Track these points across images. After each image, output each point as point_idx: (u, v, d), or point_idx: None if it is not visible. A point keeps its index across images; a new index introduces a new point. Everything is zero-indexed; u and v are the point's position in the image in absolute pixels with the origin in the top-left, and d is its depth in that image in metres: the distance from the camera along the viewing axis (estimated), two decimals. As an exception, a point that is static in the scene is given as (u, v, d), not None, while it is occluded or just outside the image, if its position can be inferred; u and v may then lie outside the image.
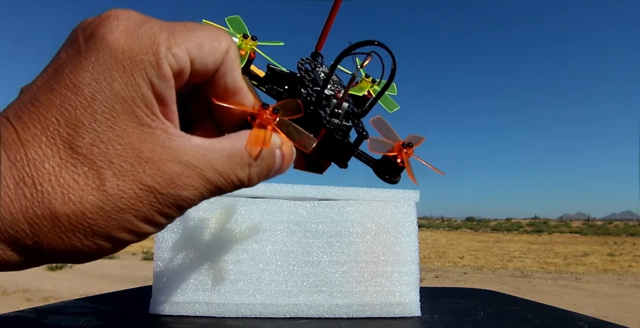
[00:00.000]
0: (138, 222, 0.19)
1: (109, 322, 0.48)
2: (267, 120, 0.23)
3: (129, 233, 0.20)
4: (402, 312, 0.52)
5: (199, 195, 0.21)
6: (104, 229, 0.19)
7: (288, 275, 0.52)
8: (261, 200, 0.53)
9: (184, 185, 0.20)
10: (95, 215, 0.18)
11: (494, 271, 6.96)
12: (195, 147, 0.20)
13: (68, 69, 0.18)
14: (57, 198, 0.18)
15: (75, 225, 0.18)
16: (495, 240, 13.99)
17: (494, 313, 0.55)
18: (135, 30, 0.19)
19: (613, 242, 13.98)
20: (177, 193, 0.20)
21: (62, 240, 0.18)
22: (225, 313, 0.50)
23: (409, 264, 0.53)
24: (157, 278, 0.51)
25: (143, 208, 0.19)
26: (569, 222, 28.55)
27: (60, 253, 0.19)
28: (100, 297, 0.61)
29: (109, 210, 0.18)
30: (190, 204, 0.21)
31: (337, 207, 0.53)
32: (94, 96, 0.18)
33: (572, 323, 0.51)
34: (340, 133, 0.27)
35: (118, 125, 0.18)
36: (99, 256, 0.20)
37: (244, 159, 0.22)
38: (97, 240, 0.19)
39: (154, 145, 0.19)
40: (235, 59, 0.22)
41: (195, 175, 0.20)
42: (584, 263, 8.07)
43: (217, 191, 0.21)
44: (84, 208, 0.18)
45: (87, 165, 0.18)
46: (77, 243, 0.18)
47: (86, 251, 0.19)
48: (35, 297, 3.98)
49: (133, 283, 4.39)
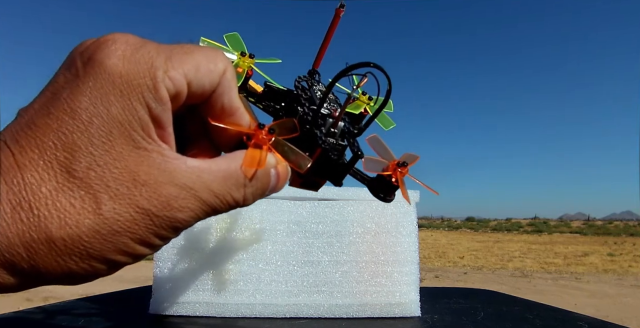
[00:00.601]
0: (134, 244, 0.19)
1: (109, 322, 0.48)
2: (262, 141, 0.23)
3: (125, 256, 0.20)
4: (402, 312, 0.52)
5: (195, 216, 0.21)
6: (99, 252, 0.19)
7: (288, 275, 0.52)
8: (261, 200, 0.53)
9: (180, 207, 0.20)
10: (92, 238, 0.18)
11: (494, 271, 6.96)
12: (191, 169, 0.20)
13: (66, 93, 0.18)
14: (53, 222, 0.18)
15: (71, 249, 0.18)
16: (495, 240, 13.99)
17: (494, 313, 0.55)
18: (133, 55, 0.19)
19: (613, 242, 13.98)
20: (173, 216, 0.20)
21: (58, 264, 0.18)
22: (225, 313, 0.50)
23: (409, 264, 0.53)
24: (157, 278, 0.51)
25: (139, 230, 0.19)
26: (569, 222, 28.54)
27: (55, 276, 0.19)
28: (101, 297, 0.61)
29: (105, 234, 0.18)
30: (185, 226, 0.21)
31: (337, 207, 0.53)
32: (91, 120, 0.18)
33: (572, 323, 0.51)
34: (336, 152, 0.27)
35: (115, 148, 0.19)
36: (94, 278, 0.20)
37: (240, 180, 0.22)
38: (92, 262, 0.19)
39: (150, 168, 0.19)
40: (232, 80, 0.22)
41: (191, 197, 0.20)
42: (584, 264, 8.07)
43: (212, 212, 0.22)
44: (80, 232, 0.18)
45: (83, 189, 0.18)
46: (72, 266, 0.18)
47: (81, 273, 0.19)
48: (35, 297, 3.98)
49: (133, 283, 4.39)
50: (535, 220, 28.18)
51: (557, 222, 27.88)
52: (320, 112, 0.27)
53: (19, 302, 3.74)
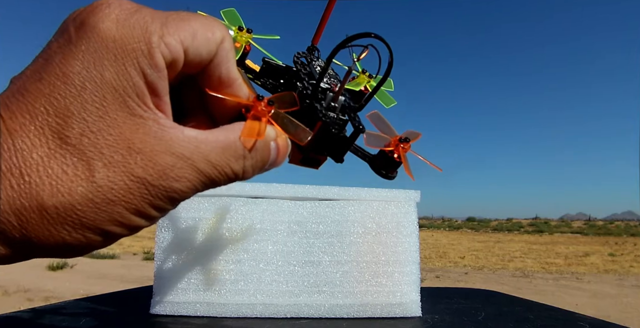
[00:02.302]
0: (129, 214, 0.19)
1: (110, 322, 0.48)
2: (261, 112, 0.22)
3: (120, 226, 0.19)
4: (403, 312, 0.52)
5: (192, 187, 0.20)
6: (93, 222, 0.18)
7: (289, 275, 0.52)
8: (262, 200, 0.53)
9: (176, 177, 0.19)
10: (85, 207, 0.18)
11: (494, 271, 6.95)
12: (189, 139, 0.20)
13: (58, 58, 0.18)
14: (45, 189, 0.17)
15: (63, 217, 0.18)
16: (496, 240, 13.97)
17: (494, 313, 0.55)
18: (127, 19, 0.19)
19: (614, 242, 13.96)
20: (169, 185, 0.19)
21: (50, 233, 0.18)
22: (226, 313, 0.50)
23: (410, 264, 0.53)
24: (158, 278, 0.51)
25: (134, 200, 0.19)
26: (570, 222, 28.51)
27: (48, 247, 0.18)
28: (101, 297, 0.61)
29: (98, 202, 0.18)
30: (182, 197, 0.20)
31: (338, 207, 0.53)
32: (84, 85, 0.18)
33: (573, 323, 0.50)
34: (336, 126, 0.26)
35: (109, 115, 0.18)
36: (89, 250, 0.19)
37: (238, 151, 0.21)
38: (86, 233, 0.18)
39: (146, 136, 0.19)
40: (230, 50, 0.22)
41: (188, 167, 0.19)
42: (585, 264, 8.06)
43: (210, 184, 0.21)
44: (73, 199, 0.17)
45: (76, 156, 0.17)
46: (65, 236, 0.18)
47: (75, 244, 0.18)
48: (36, 297, 3.98)
49: (134, 283, 4.40)
50: (536, 220, 28.16)
51: (558, 222, 27.85)
52: (320, 86, 0.27)
53: (20, 301, 3.74)
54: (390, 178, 0.29)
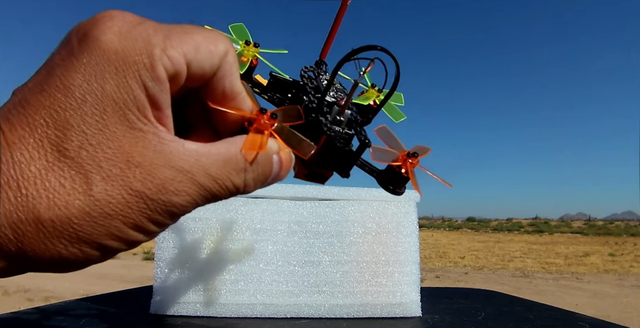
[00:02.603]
0: (127, 229, 0.18)
1: (110, 322, 0.48)
2: (264, 125, 0.22)
3: (117, 241, 0.19)
4: (403, 312, 0.52)
5: (192, 201, 0.20)
6: (90, 236, 0.18)
7: (289, 275, 0.52)
8: (262, 200, 0.53)
9: (176, 191, 0.19)
10: (82, 220, 0.17)
11: (494, 271, 6.95)
12: (189, 152, 0.19)
13: (60, 70, 0.18)
14: (42, 202, 0.17)
15: (60, 231, 0.17)
16: (496, 241, 13.97)
17: (494, 313, 0.55)
18: (130, 32, 0.18)
19: (614, 242, 13.95)
20: (169, 200, 0.19)
21: (46, 247, 0.17)
22: (226, 313, 0.50)
23: (410, 264, 0.53)
24: (158, 278, 0.51)
25: (132, 214, 0.18)
26: (570, 222, 28.51)
27: (44, 261, 0.18)
28: (102, 297, 0.61)
29: (95, 216, 0.18)
30: (182, 211, 0.20)
31: (338, 207, 0.53)
32: (84, 98, 0.18)
33: (573, 323, 0.50)
34: (342, 141, 0.26)
35: (108, 128, 0.18)
36: (86, 265, 0.19)
37: (240, 164, 0.21)
38: (83, 247, 0.18)
39: (145, 149, 0.18)
40: (233, 63, 0.21)
41: (188, 181, 0.19)
42: (585, 264, 8.06)
43: (211, 198, 0.21)
44: (70, 213, 0.17)
45: (74, 169, 0.17)
46: (62, 250, 0.18)
47: (72, 259, 0.18)
48: (36, 297, 3.98)
49: (134, 283, 4.40)
50: (536, 220, 28.15)
51: (558, 222, 27.85)
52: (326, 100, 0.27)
53: (20, 302, 3.74)
54: (398, 194, 0.28)
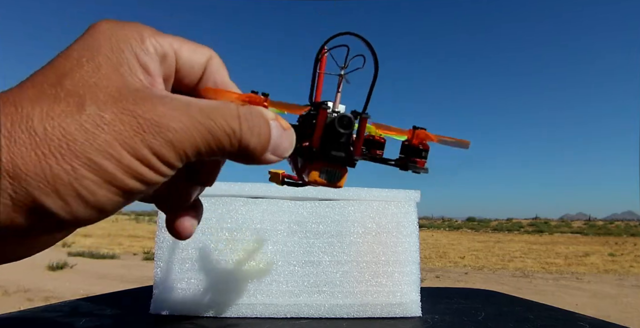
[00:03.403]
0: (121, 149, 0.18)
1: (110, 322, 0.48)
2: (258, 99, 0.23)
3: (115, 164, 0.18)
4: (403, 312, 0.52)
5: (189, 133, 0.19)
6: (81, 148, 0.17)
7: (289, 275, 0.52)
8: (262, 200, 0.53)
9: (171, 116, 0.19)
10: (73, 128, 0.17)
11: (494, 271, 6.95)
12: (182, 97, 0.20)
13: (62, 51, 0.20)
14: (35, 114, 0.17)
15: (51, 139, 0.17)
16: (496, 240, 13.97)
17: (494, 313, 0.55)
18: (122, 23, 0.21)
19: (614, 242, 13.96)
20: (163, 122, 0.19)
21: (37, 157, 0.17)
22: (225, 313, 0.50)
23: (410, 264, 0.53)
24: (157, 278, 0.51)
25: (125, 132, 0.18)
26: (570, 222, 28.51)
27: (35, 179, 0.17)
28: (101, 297, 0.61)
29: (87, 127, 0.17)
30: (181, 143, 0.19)
31: (338, 207, 0.53)
32: (81, 56, 0.19)
33: (573, 323, 0.50)
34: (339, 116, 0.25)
35: (102, 72, 0.19)
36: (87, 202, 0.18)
37: (233, 111, 0.21)
38: (74, 162, 0.17)
39: (137, 91, 0.19)
40: (221, 64, 0.24)
41: (182, 110, 0.19)
42: (585, 264, 8.06)
43: (209, 135, 0.20)
44: (62, 122, 0.17)
45: (68, 94, 0.18)
46: (52, 162, 0.17)
47: (64, 179, 0.17)
48: (36, 297, 3.98)
49: (134, 283, 4.40)
50: (536, 220, 28.15)
51: (558, 222, 27.85)
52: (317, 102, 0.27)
53: (20, 301, 3.74)
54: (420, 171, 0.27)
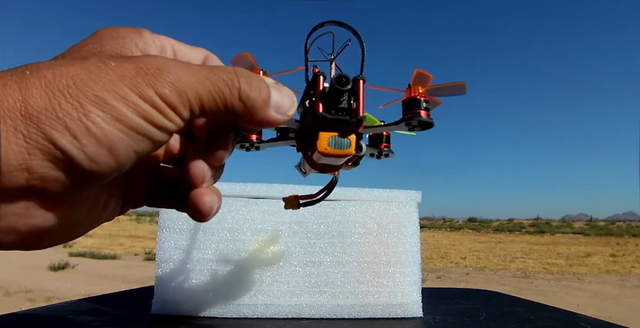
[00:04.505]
0: (126, 88, 0.18)
1: (111, 322, 0.48)
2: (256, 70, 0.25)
3: (122, 102, 0.18)
4: (404, 312, 0.52)
5: (191, 80, 0.20)
6: (87, 85, 0.18)
7: (290, 275, 0.52)
8: (263, 200, 0.53)
9: (172, 65, 0.20)
10: (78, 70, 0.18)
11: (496, 272, 6.94)
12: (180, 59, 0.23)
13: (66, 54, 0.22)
14: (44, 64, 0.19)
15: (59, 79, 0.18)
16: (498, 241, 13.96)
17: (496, 314, 0.54)
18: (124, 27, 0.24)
19: (616, 242, 13.93)
20: (164, 67, 0.20)
21: (47, 96, 0.17)
22: (226, 313, 0.50)
23: (411, 265, 0.53)
24: (159, 278, 0.51)
25: (127, 72, 0.19)
26: (572, 223, 28.47)
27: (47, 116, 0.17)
28: (103, 297, 0.61)
29: (91, 69, 0.18)
30: (185, 88, 0.20)
31: (339, 207, 0.53)
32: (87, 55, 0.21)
33: (575, 324, 0.50)
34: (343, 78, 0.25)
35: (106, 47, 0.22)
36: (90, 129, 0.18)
37: (229, 68, 0.22)
38: (82, 99, 0.18)
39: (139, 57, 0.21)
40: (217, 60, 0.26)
41: (183, 65, 0.21)
42: (586, 264, 8.05)
43: (211, 85, 0.21)
44: (70, 67, 0.18)
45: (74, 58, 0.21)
46: (62, 100, 0.17)
47: (74, 116, 0.17)
48: (38, 297, 3.99)
49: (135, 283, 4.40)
50: (537, 221, 28.11)
51: (559, 223, 27.81)
52: None
53: (21, 302, 3.75)
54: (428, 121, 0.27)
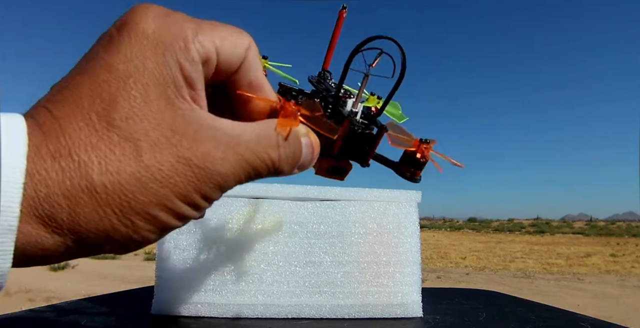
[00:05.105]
0: (175, 199, 0.19)
1: (111, 322, 0.48)
2: (292, 110, 0.24)
3: (167, 213, 0.19)
4: (404, 312, 0.52)
5: (235, 173, 0.21)
6: (141, 204, 0.18)
7: (290, 275, 0.52)
8: (263, 200, 0.53)
9: (221, 160, 0.20)
10: (133, 186, 0.18)
11: (496, 272, 6.94)
12: (226, 126, 0.21)
13: (102, 53, 0.19)
14: (94, 168, 0.17)
15: (112, 198, 0.17)
16: (498, 241, 13.96)
17: (496, 314, 0.54)
18: (165, 19, 0.20)
19: (615, 242, 13.93)
20: (214, 168, 0.20)
21: (99, 216, 0.17)
22: (227, 313, 0.50)
23: (411, 265, 0.53)
24: (159, 278, 0.51)
25: (180, 183, 0.19)
26: (572, 223, 28.45)
27: (97, 234, 0.18)
28: (103, 297, 0.61)
29: (146, 182, 0.18)
30: (226, 182, 0.21)
31: (339, 207, 0.53)
32: (128, 73, 0.18)
33: (575, 324, 0.50)
34: (362, 125, 0.28)
35: (152, 101, 0.19)
36: (138, 242, 0.19)
37: (273, 140, 0.22)
38: (134, 218, 0.18)
39: (187, 123, 0.19)
40: (257, 56, 0.23)
41: (230, 151, 0.20)
42: (586, 264, 8.05)
43: (252, 171, 0.21)
44: (122, 179, 0.18)
45: (123, 137, 0.18)
46: (114, 220, 0.18)
47: (123, 232, 0.18)
48: (38, 297, 3.99)
49: (135, 283, 4.40)
50: (537, 221, 28.10)
51: (559, 223, 27.80)
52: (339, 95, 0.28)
53: (21, 302, 3.75)
54: (415, 180, 0.30)
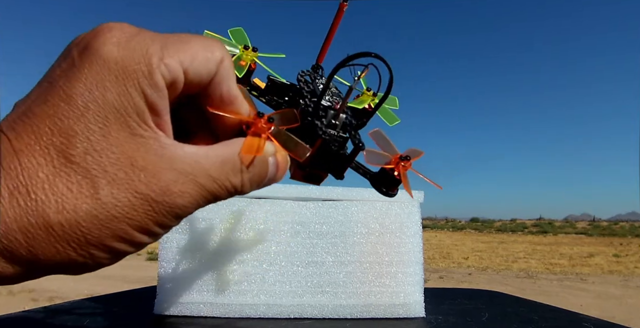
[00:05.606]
0: (133, 231, 0.19)
1: (113, 322, 0.48)
2: (261, 129, 0.23)
3: (124, 243, 0.19)
4: (407, 312, 0.52)
5: (194, 202, 0.21)
6: (98, 238, 0.18)
7: (292, 275, 0.52)
8: (265, 200, 0.53)
9: (179, 193, 0.20)
10: (90, 223, 0.18)
11: (498, 272, 6.93)
12: (189, 155, 0.20)
13: (62, 81, 0.18)
14: (51, 206, 0.17)
15: (69, 234, 0.18)
16: (500, 241, 13.93)
17: (498, 314, 0.54)
18: (128, 42, 0.19)
19: (619, 243, 13.89)
20: (172, 201, 0.20)
21: (57, 250, 0.18)
22: (229, 313, 0.50)
23: (413, 265, 0.53)
24: (161, 278, 0.51)
25: (137, 216, 0.19)
26: (574, 223, 28.39)
27: (54, 264, 0.18)
28: (105, 297, 0.61)
29: (103, 219, 0.18)
30: (185, 212, 0.21)
31: (341, 207, 0.53)
32: (86, 106, 0.18)
33: (578, 324, 0.50)
34: (336, 144, 0.27)
35: (111, 134, 0.18)
36: (95, 267, 0.20)
37: (237, 165, 0.22)
38: (91, 249, 0.19)
39: (147, 153, 0.19)
40: (229, 69, 0.22)
41: (190, 182, 0.20)
42: (589, 264, 8.03)
43: (212, 198, 0.21)
44: (78, 216, 0.18)
45: (80, 174, 0.18)
46: (71, 253, 0.18)
47: (81, 262, 0.19)
48: (41, 297, 4.00)
49: (138, 283, 4.40)
50: (540, 221, 28.05)
51: (562, 223, 27.74)
52: (322, 104, 0.27)
53: (25, 302, 3.76)
54: (390, 195, 0.29)
